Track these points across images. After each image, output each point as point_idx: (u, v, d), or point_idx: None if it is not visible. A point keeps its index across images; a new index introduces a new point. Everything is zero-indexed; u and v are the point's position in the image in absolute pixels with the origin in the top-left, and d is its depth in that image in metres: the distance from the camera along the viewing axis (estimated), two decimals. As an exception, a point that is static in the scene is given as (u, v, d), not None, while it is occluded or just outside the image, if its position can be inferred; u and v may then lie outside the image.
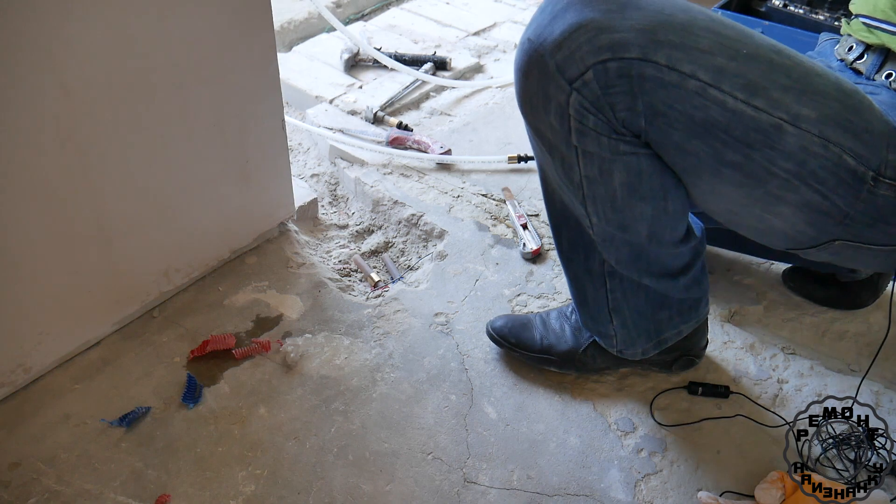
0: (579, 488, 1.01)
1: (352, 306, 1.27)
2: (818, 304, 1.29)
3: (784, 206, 0.81)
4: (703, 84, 0.75)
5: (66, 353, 1.13)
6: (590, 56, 0.76)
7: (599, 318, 1.06)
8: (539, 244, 1.38)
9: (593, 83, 0.77)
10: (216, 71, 1.10)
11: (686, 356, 1.12)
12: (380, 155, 1.63)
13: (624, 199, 0.88)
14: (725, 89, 0.75)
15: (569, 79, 0.78)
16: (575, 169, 0.86)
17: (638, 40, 0.74)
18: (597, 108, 0.79)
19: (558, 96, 0.80)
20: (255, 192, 1.28)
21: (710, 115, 0.76)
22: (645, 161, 0.84)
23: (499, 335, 1.16)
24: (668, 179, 0.87)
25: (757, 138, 0.76)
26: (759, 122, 0.75)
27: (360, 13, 2.38)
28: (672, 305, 1.04)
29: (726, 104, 0.75)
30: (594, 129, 0.81)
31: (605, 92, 0.77)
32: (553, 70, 0.78)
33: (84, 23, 0.91)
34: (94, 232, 1.06)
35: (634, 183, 0.86)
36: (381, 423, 1.08)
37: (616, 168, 0.84)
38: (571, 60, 0.77)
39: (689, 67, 0.74)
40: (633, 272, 0.98)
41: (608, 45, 0.75)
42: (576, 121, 0.81)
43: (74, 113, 0.95)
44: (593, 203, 0.89)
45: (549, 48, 0.78)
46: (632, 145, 0.82)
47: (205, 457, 1.02)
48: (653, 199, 0.88)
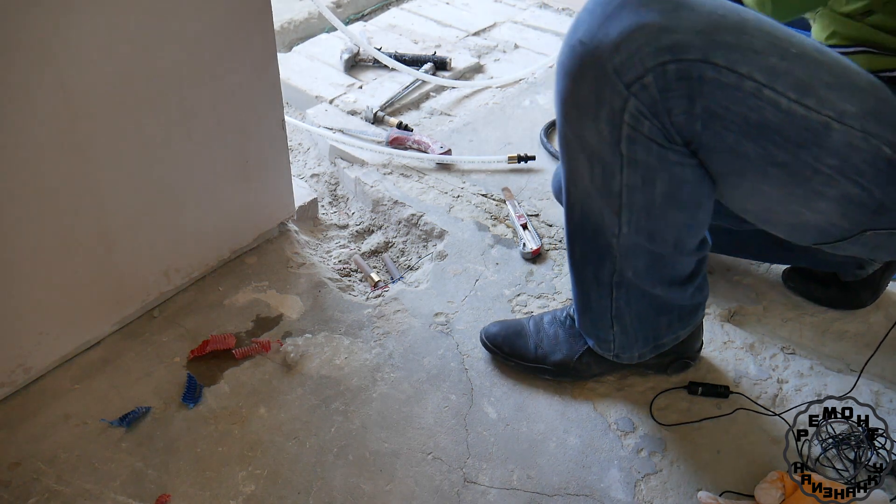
0: (579, 488, 1.01)
1: (352, 306, 1.27)
2: (818, 304, 1.29)
3: (823, 201, 0.81)
4: (759, 84, 0.74)
5: (66, 353, 1.13)
6: (650, 58, 0.74)
7: (600, 325, 1.06)
8: (539, 244, 1.38)
9: (652, 86, 0.76)
10: (216, 71, 1.10)
11: (681, 359, 1.13)
12: (380, 155, 1.63)
13: (661, 208, 0.87)
14: (779, 89, 0.74)
15: (627, 82, 0.76)
16: (616, 178, 0.85)
17: (698, 41, 0.73)
18: (653, 112, 0.77)
19: (613, 101, 0.78)
20: (255, 192, 1.28)
21: (765, 116, 0.75)
22: (689, 171, 0.84)
23: (493, 344, 1.16)
24: (706, 189, 0.86)
25: (807, 137, 0.76)
26: (809, 121, 0.75)
27: (360, 13, 2.38)
28: (672, 311, 1.04)
29: (780, 105, 0.75)
30: (647, 136, 0.80)
31: (663, 95, 0.76)
32: (611, 73, 0.77)
33: (84, 23, 0.91)
34: (94, 232, 1.06)
35: (675, 192, 0.85)
36: (381, 423, 1.08)
37: (660, 177, 0.84)
38: (631, 63, 0.75)
39: (746, 68, 0.74)
40: (646, 282, 0.98)
41: (669, 46, 0.73)
42: (629, 127, 0.79)
43: (74, 113, 0.95)
44: (629, 212, 0.88)
45: (606, 50, 0.76)
46: (680, 155, 0.82)
47: (205, 457, 1.02)
48: (688, 209, 0.88)
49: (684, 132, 0.79)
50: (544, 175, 1.59)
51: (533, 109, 1.83)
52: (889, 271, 1.23)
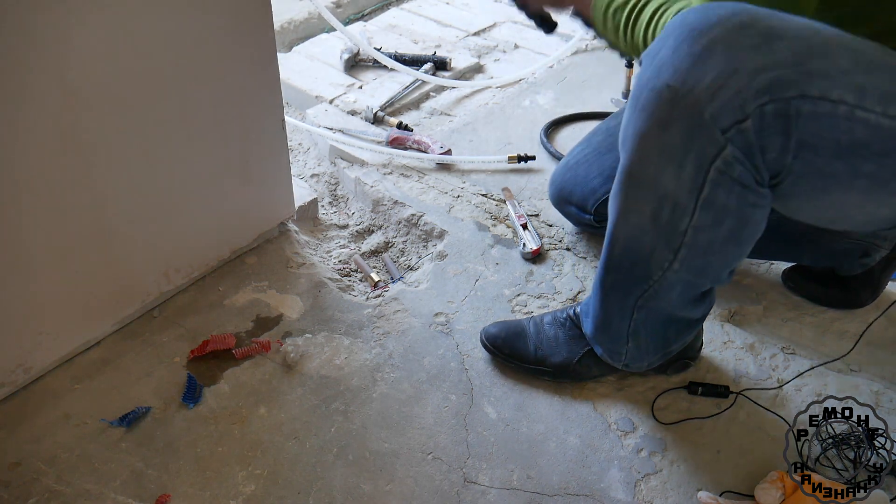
0: (579, 488, 1.01)
1: (352, 306, 1.27)
2: (818, 303, 1.29)
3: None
4: (850, 107, 0.72)
5: (66, 353, 1.13)
6: (750, 101, 0.72)
7: (617, 341, 1.06)
8: (539, 244, 1.38)
9: (749, 130, 0.73)
10: (216, 71, 1.10)
11: (682, 359, 1.13)
12: (380, 155, 1.63)
13: (721, 245, 0.86)
14: (868, 107, 0.73)
15: (723, 128, 0.74)
16: (685, 219, 0.84)
17: (794, 75, 0.71)
18: (747, 155, 0.76)
19: (707, 148, 0.76)
20: (255, 192, 1.28)
21: (855, 136, 0.74)
22: (759, 213, 0.83)
23: (493, 345, 1.16)
24: (763, 225, 0.86)
25: (891, 145, 0.75)
26: (893, 130, 0.74)
27: (360, 13, 2.38)
28: (682, 321, 1.04)
29: (869, 121, 0.73)
30: (736, 181, 0.78)
31: (759, 136, 0.74)
32: (707, 120, 0.74)
33: (85, 23, 0.91)
34: (94, 232, 1.06)
35: (739, 231, 0.85)
36: (381, 423, 1.08)
37: (730, 217, 0.83)
38: (730, 108, 0.73)
39: (837, 93, 0.72)
40: (674, 308, 0.98)
41: (767, 86, 0.71)
42: (717, 171, 0.78)
43: (75, 113, 0.95)
44: (687, 251, 0.87)
45: (702, 97, 0.73)
46: (759, 196, 0.81)
47: (205, 457, 1.02)
48: (745, 245, 0.88)
49: (774, 167, 0.77)
50: (544, 175, 1.59)
51: (533, 109, 1.83)
52: (888, 269, 1.23)
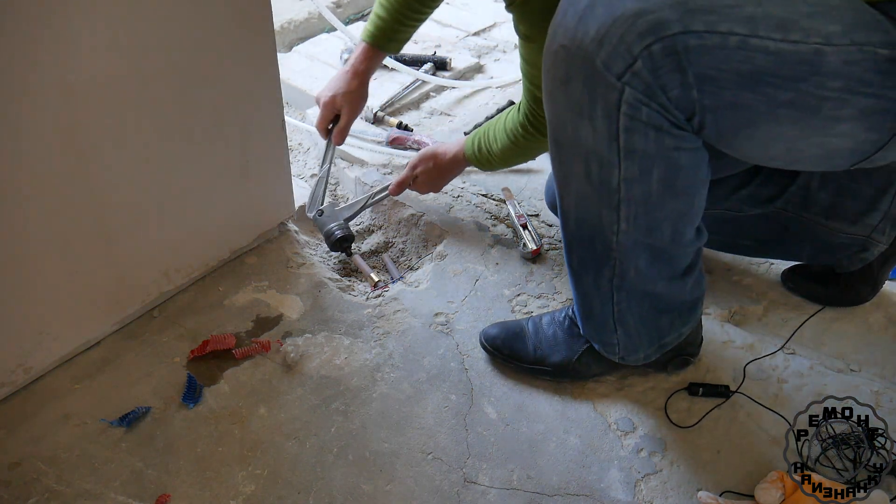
0: (579, 488, 1.01)
1: (352, 306, 1.27)
2: (818, 303, 1.29)
3: (842, 123, 0.81)
4: (742, 37, 0.75)
5: (67, 353, 1.13)
6: (635, 44, 0.75)
7: (604, 330, 1.06)
8: (539, 244, 1.38)
9: (643, 71, 0.77)
10: (216, 71, 1.10)
11: (682, 356, 1.13)
12: (380, 155, 1.63)
13: (658, 197, 0.88)
14: (763, 34, 0.75)
15: (617, 74, 0.78)
16: (614, 172, 0.86)
17: (674, 15, 0.74)
18: (649, 95, 0.78)
19: (608, 95, 0.79)
20: (255, 192, 1.28)
21: (756, 64, 0.76)
22: (685, 157, 0.85)
23: (492, 346, 1.16)
24: (702, 174, 0.88)
25: (803, 70, 0.77)
26: (800, 55, 0.76)
27: (360, 13, 2.38)
28: (673, 309, 1.04)
29: (768, 48, 0.76)
30: (646, 122, 0.81)
31: (654, 76, 0.77)
32: (600, 68, 0.78)
33: (85, 23, 0.91)
34: (94, 232, 1.06)
35: (672, 179, 0.86)
36: (381, 423, 1.08)
37: (657, 165, 0.85)
38: (617, 54, 0.76)
39: (725, 26, 0.75)
40: (647, 280, 0.98)
41: (649, 28, 0.75)
42: (626, 117, 0.80)
43: (75, 113, 0.95)
44: (627, 207, 0.89)
45: (590, 48, 0.77)
46: (677, 139, 0.83)
47: (205, 457, 1.02)
48: (685, 196, 0.89)
49: (682, 105, 0.80)
50: (544, 175, 1.59)
51: (533, 109, 1.83)
52: (887, 265, 1.23)
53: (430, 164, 1.39)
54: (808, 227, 1.20)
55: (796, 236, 1.22)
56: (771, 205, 1.21)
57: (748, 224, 1.23)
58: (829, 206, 1.18)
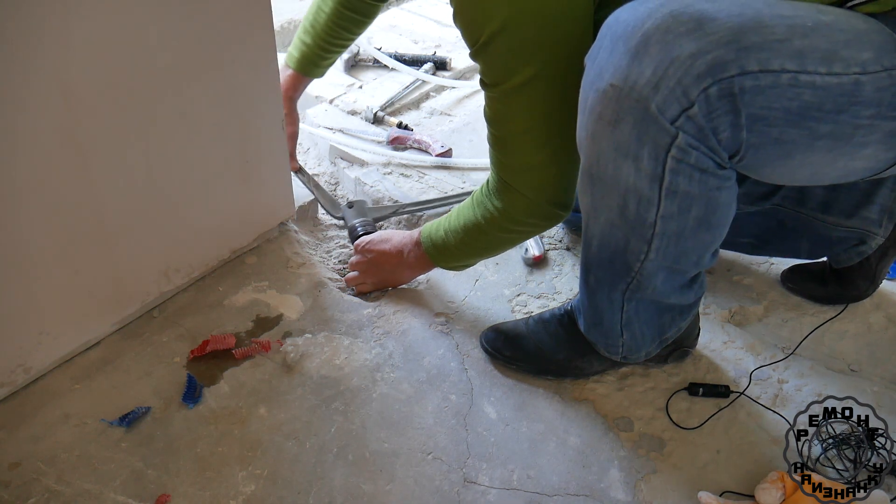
0: (579, 488, 1.01)
1: (352, 306, 1.27)
2: (818, 302, 1.29)
3: (868, 148, 0.81)
4: (793, 74, 0.74)
5: (66, 353, 1.13)
6: (693, 88, 0.73)
7: (611, 335, 1.06)
8: (542, 251, 1.37)
9: (697, 116, 0.75)
10: (216, 71, 1.10)
11: (680, 348, 1.13)
12: (380, 155, 1.63)
13: (692, 231, 0.87)
14: (811, 69, 0.74)
15: (671, 118, 0.75)
16: (652, 210, 0.84)
17: (730, 55, 0.72)
18: (700, 140, 0.77)
19: (659, 139, 0.77)
20: (255, 192, 1.28)
21: (804, 100, 0.75)
22: (724, 195, 0.84)
23: (493, 348, 1.16)
24: (734, 209, 0.87)
25: (843, 101, 0.76)
26: (842, 87, 0.75)
27: (360, 13, 2.38)
28: (674, 307, 1.04)
29: (815, 83, 0.75)
30: (694, 166, 0.79)
31: (708, 119, 0.75)
32: (654, 112, 0.76)
33: (84, 23, 0.91)
34: (94, 232, 1.06)
35: (709, 216, 0.85)
36: (381, 423, 1.08)
37: (696, 204, 0.83)
38: (674, 97, 0.74)
39: (777, 63, 0.73)
40: (660, 294, 0.98)
41: (707, 69, 0.72)
42: (674, 160, 0.79)
43: (74, 113, 0.95)
44: (659, 240, 0.88)
45: (645, 91, 0.75)
46: (720, 179, 0.82)
47: (205, 457, 1.02)
48: (717, 229, 0.88)
49: (730, 146, 0.78)
50: (544, 175, 1.59)
51: (533, 109, 1.83)
52: (885, 259, 1.23)
53: (372, 250, 1.27)
54: (804, 223, 1.20)
55: (794, 232, 1.23)
56: (767, 201, 1.21)
57: (745, 222, 1.23)
58: (824, 200, 1.18)
